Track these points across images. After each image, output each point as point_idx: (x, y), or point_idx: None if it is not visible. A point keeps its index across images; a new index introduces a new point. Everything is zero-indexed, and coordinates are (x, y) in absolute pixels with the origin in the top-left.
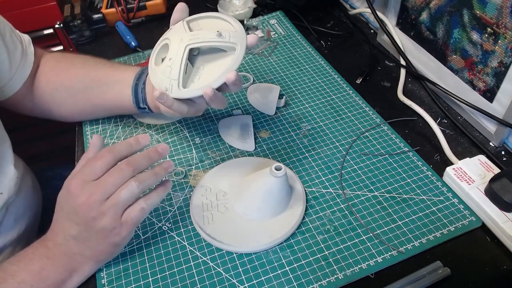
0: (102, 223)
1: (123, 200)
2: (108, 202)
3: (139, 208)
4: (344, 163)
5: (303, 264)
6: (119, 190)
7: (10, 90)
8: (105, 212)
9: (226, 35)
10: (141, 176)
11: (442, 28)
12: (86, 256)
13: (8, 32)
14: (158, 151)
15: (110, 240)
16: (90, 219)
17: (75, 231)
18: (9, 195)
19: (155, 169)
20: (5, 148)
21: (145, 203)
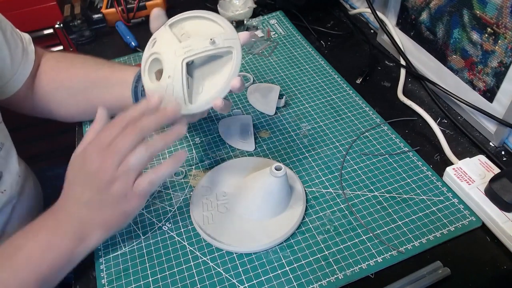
0: (114, 188)
1: (133, 166)
2: (120, 168)
3: (148, 180)
4: (344, 163)
5: (303, 264)
6: (129, 156)
7: (11, 88)
8: (118, 177)
9: (219, 41)
10: (149, 142)
11: (442, 28)
12: (96, 224)
13: (9, 30)
14: (166, 114)
15: (121, 207)
16: (104, 183)
17: (87, 197)
18: (12, 193)
19: (165, 134)
20: (10, 145)
21: (155, 175)
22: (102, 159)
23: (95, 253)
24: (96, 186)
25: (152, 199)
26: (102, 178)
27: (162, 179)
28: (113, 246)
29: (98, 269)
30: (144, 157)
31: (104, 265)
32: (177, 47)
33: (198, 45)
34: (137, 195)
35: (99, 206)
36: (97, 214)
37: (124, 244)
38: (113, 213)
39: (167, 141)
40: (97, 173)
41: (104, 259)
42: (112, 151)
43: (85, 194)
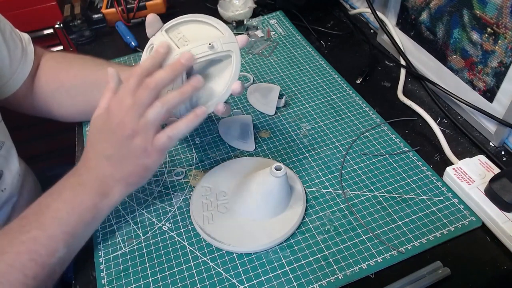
0: (135, 142)
1: (151, 121)
2: (140, 122)
3: (166, 136)
4: (344, 163)
5: (303, 264)
6: (147, 111)
7: (10, 88)
8: (138, 131)
9: (218, 45)
10: (166, 97)
11: (442, 28)
12: (117, 179)
13: (8, 30)
14: (181, 62)
15: (141, 162)
16: (125, 137)
17: (109, 151)
18: (12, 191)
19: (182, 88)
20: (10, 144)
21: (172, 132)
22: (124, 113)
23: (95, 253)
24: (117, 141)
25: (152, 199)
26: (123, 132)
27: (181, 134)
28: (113, 246)
29: (98, 269)
30: (161, 112)
31: (104, 265)
32: (176, 52)
33: (196, 50)
34: (156, 149)
35: (120, 161)
36: (118, 168)
37: (124, 244)
38: (134, 168)
39: (183, 95)
40: (119, 128)
41: (104, 259)
42: (132, 105)
43: (107, 149)
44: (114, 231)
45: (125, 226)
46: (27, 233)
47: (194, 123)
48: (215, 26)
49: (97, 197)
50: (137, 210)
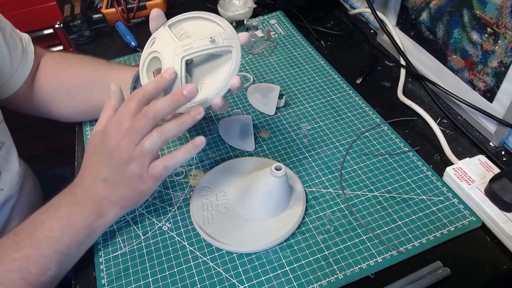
0: (130, 168)
1: (147, 150)
2: (137, 149)
3: (162, 166)
4: (344, 163)
5: (303, 264)
6: (144, 140)
7: (11, 88)
8: (134, 157)
9: (219, 40)
10: (163, 127)
11: (442, 28)
12: (112, 201)
13: (8, 30)
14: (183, 94)
15: (136, 187)
16: (121, 162)
17: (105, 174)
18: (10, 192)
19: (180, 118)
20: (10, 144)
21: (169, 162)
22: (121, 137)
23: (95, 253)
24: (113, 164)
25: (152, 199)
26: (119, 156)
27: (177, 164)
28: (113, 246)
29: (98, 269)
30: (158, 142)
31: (104, 265)
32: (177, 45)
33: (197, 43)
34: (152, 177)
35: (115, 184)
36: (113, 191)
37: (124, 244)
38: (129, 192)
39: (181, 127)
40: (115, 151)
41: (104, 259)
42: (129, 130)
43: (103, 171)
44: (114, 231)
45: (125, 226)
46: (20, 251)
47: (192, 154)
48: (218, 22)
49: (92, 216)
50: (137, 210)
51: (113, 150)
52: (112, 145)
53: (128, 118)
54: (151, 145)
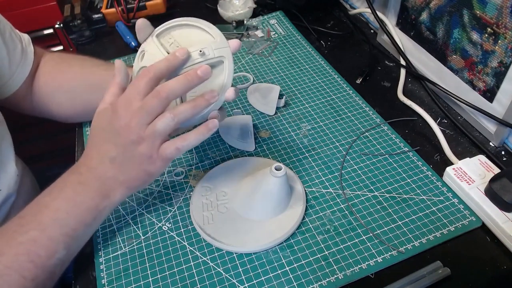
0: (140, 149)
1: (159, 131)
2: (148, 130)
3: (174, 148)
4: (344, 163)
5: (303, 264)
6: (156, 120)
7: (9, 88)
8: (144, 138)
9: (209, 51)
10: (177, 108)
11: (442, 28)
12: (119, 181)
13: (7, 31)
14: (197, 74)
15: (144, 168)
16: (130, 142)
17: (113, 153)
18: (9, 192)
19: (195, 100)
20: (6, 145)
21: (181, 144)
22: (130, 116)
23: (95, 253)
24: (122, 144)
25: (152, 199)
26: (128, 136)
27: (190, 146)
28: (113, 246)
29: (98, 269)
30: (171, 124)
31: (104, 265)
32: None
33: None
34: (162, 158)
35: (123, 164)
36: (121, 172)
37: (124, 244)
38: (137, 173)
39: (196, 108)
40: (124, 131)
41: (104, 259)
42: (140, 110)
43: (111, 151)
44: (114, 231)
45: (125, 226)
46: (26, 234)
47: (205, 136)
48: (207, 30)
49: (98, 197)
50: (137, 210)
51: (123, 129)
52: (121, 125)
53: (139, 97)
54: (163, 126)
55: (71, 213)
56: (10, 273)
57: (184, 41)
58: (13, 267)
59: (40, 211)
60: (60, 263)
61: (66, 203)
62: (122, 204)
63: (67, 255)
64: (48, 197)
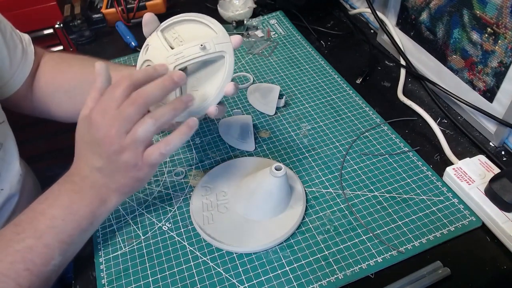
0: (123, 158)
1: (140, 138)
2: (128, 138)
3: (159, 153)
4: (344, 163)
5: (303, 264)
6: (136, 127)
7: (10, 89)
8: (126, 147)
9: (211, 46)
10: (157, 112)
11: (442, 28)
12: (112, 188)
13: (8, 31)
14: (173, 79)
15: (133, 175)
16: (112, 152)
17: (98, 164)
18: (11, 192)
19: (173, 103)
20: (11, 144)
21: (165, 148)
22: (108, 126)
23: (95, 253)
24: (105, 154)
25: (152, 199)
26: (109, 147)
27: (174, 149)
28: (113, 246)
29: (98, 269)
30: (152, 129)
31: (104, 265)
32: (168, 54)
33: (188, 51)
34: (148, 164)
35: (111, 173)
36: (110, 180)
37: (124, 244)
38: (126, 180)
39: (176, 111)
40: (104, 141)
41: (104, 259)
42: (117, 118)
43: (97, 161)
44: (114, 231)
45: (125, 226)
46: (22, 242)
47: (188, 135)
48: (210, 25)
49: (95, 204)
50: (137, 210)
51: (102, 140)
52: (100, 135)
53: (114, 104)
54: (144, 133)
55: (67, 220)
56: (6, 281)
57: (187, 36)
58: (9, 275)
59: (36, 218)
60: (56, 269)
61: (62, 210)
62: (122, 204)
63: (63, 260)
64: (44, 204)
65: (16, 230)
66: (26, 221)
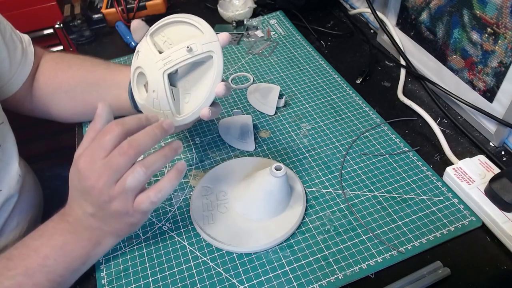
0: (114, 207)
1: (130, 187)
2: (117, 187)
3: (149, 202)
4: (344, 163)
5: (303, 264)
6: (125, 176)
7: (10, 89)
8: (116, 196)
9: (198, 47)
10: (147, 160)
11: (442, 28)
12: (106, 232)
13: (8, 32)
14: (163, 128)
15: (126, 221)
16: (102, 202)
17: (91, 210)
18: (10, 192)
19: (163, 150)
20: (10, 145)
21: (156, 197)
22: (97, 177)
23: None
24: (96, 203)
25: None
26: (99, 197)
27: (166, 196)
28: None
29: (98, 269)
30: (142, 178)
31: (104, 265)
32: (157, 59)
33: (176, 55)
34: (139, 212)
35: (104, 219)
36: (104, 224)
37: (124, 244)
38: (120, 225)
39: (166, 159)
40: (93, 191)
41: (104, 259)
42: (106, 168)
43: (89, 207)
44: None
45: None
46: (12, 279)
47: (179, 180)
48: (197, 26)
49: (90, 246)
50: None
51: (91, 189)
52: (88, 185)
53: (103, 154)
54: (134, 182)
55: (60, 260)
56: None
57: (176, 38)
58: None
59: (29, 256)
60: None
61: (56, 251)
62: None
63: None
64: (38, 241)
65: (8, 266)
66: (19, 257)
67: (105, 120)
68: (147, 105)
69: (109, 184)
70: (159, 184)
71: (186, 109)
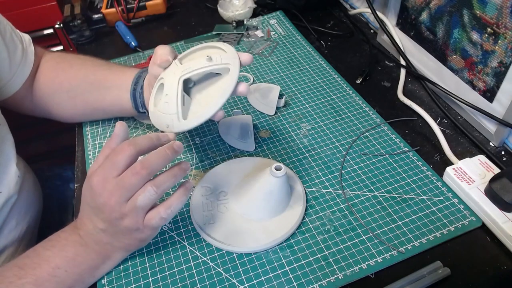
0: (124, 224)
1: (141, 206)
2: (128, 205)
3: (159, 218)
4: (344, 163)
5: (303, 264)
6: (136, 195)
7: (10, 89)
8: (127, 214)
9: (217, 58)
10: (158, 180)
11: (442, 28)
12: (116, 247)
13: (8, 32)
14: (174, 149)
15: (136, 237)
16: (113, 219)
17: (102, 226)
18: (9, 194)
19: (173, 171)
20: (8, 147)
21: (166, 213)
22: (109, 195)
23: None
24: (107, 219)
25: None
26: (110, 214)
27: (176, 212)
28: None
29: None
30: (153, 197)
31: None
32: (177, 69)
33: (195, 63)
34: (149, 228)
35: (114, 235)
36: (114, 239)
37: None
38: (130, 241)
39: (176, 179)
40: (105, 208)
41: None
42: (118, 187)
43: (100, 223)
44: None
45: None
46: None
47: (187, 196)
48: (222, 48)
49: (99, 259)
50: None
51: (103, 207)
52: (101, 202)
53: (115, 173)
54: (146, 201)
55: (70, 271)
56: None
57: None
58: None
59: (40, 265)
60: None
61: (67, 262)
62: None
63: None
64: (50, 252)
65: (19, 274)
66: (30, 266)
67: (121, 139)
68: (157, 110)
69: (121, 202)
70: (169, 200)
71: (191, 115)
